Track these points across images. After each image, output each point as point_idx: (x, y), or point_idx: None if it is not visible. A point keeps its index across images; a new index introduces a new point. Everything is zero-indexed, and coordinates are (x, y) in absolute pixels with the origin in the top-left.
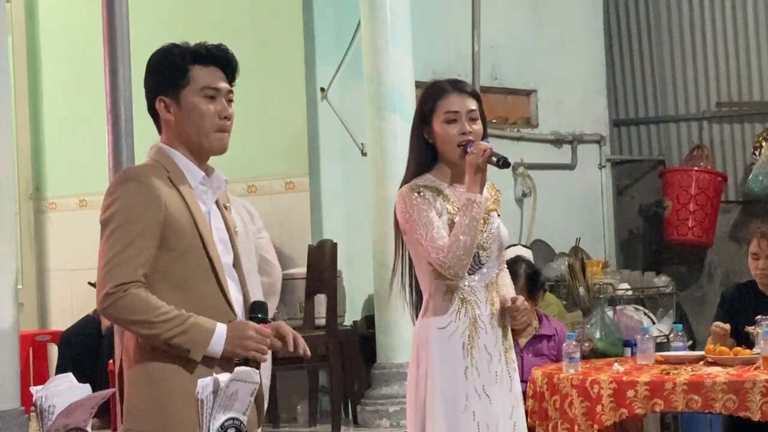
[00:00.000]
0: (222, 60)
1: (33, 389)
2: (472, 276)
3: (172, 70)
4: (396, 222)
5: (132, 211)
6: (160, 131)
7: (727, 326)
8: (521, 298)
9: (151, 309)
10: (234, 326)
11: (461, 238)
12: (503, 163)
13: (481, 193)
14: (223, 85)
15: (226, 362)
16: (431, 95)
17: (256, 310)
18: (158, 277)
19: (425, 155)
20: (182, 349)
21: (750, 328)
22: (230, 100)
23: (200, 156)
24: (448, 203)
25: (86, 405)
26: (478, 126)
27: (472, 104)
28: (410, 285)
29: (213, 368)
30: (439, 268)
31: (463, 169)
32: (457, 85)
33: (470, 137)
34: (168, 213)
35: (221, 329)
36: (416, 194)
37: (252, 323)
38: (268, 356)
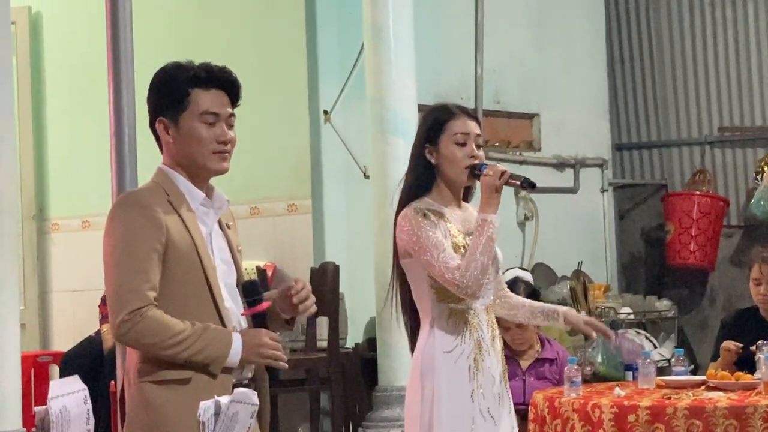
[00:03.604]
0: (224, 83)
1: (36, 409)
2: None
3: (172, 92)
4: (395, 244)
5: (135, 236)
6: (161, 149)
7: (739, 345)
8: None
9: (167, 330)
10: (248, 334)
11: (479, 258)
12: (528, 184)
13: (495, 213)
14: (225, 109)
15: (226, 379)
16: (440, 116)
17: (248, 293)
18: (158, 301)
19: (425, 175)
20: (202, 365)
21: (753, 348)
22: (231, 125)
23: (199, 177)
24: (450, 225)
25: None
26: (481, 152)
27: (478, 129)
28: (406, 309)
29: (214, 388)
30: (454, 288)
31: (461, 191)
32: (464, 110)
33: (477, 160)
34: (169, 237)
35: (237, 342)
36: (422, 216)
37: (264, 330)
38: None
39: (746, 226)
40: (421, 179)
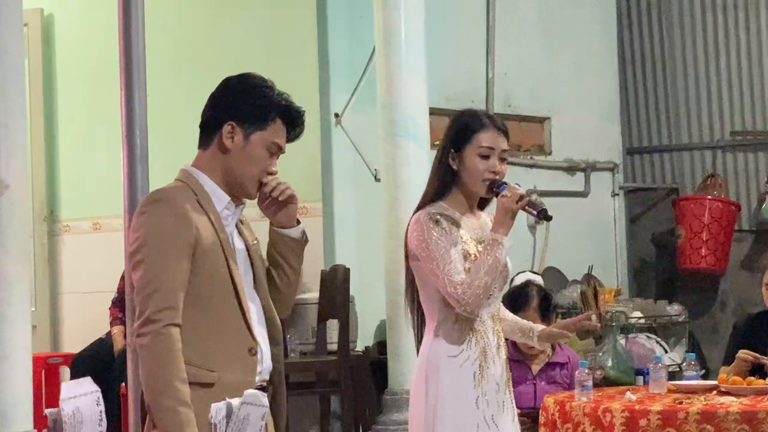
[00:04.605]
0: (295, 124)
1: (48, 411)
2: None
3: (257, 110)
4: (406, 245)
5: (164, 233)
6: (202, 144)
7: (756, 356)
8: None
9: (171, 369)
10: None
11: (483, 277)
12: (544, 216)
13: (507, 235)
14: (285, 146)
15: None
16: (470, 124)
17: None
18: (185, 298)
19: (445, 180)
20: (166, 423)
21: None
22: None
23: (228, 187)
24: (463, 231)
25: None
26: (505, 167)
27: (505, 144)
28: (414, 310)
29: (236, 393)
30: (455, 303)
31: (477, 200)
32: (495, 122)
33: (498, 177)
34: (198, 236)
35: None
36: (434, 223)
37: None
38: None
39: (758, 230)
40: (441, 183)
